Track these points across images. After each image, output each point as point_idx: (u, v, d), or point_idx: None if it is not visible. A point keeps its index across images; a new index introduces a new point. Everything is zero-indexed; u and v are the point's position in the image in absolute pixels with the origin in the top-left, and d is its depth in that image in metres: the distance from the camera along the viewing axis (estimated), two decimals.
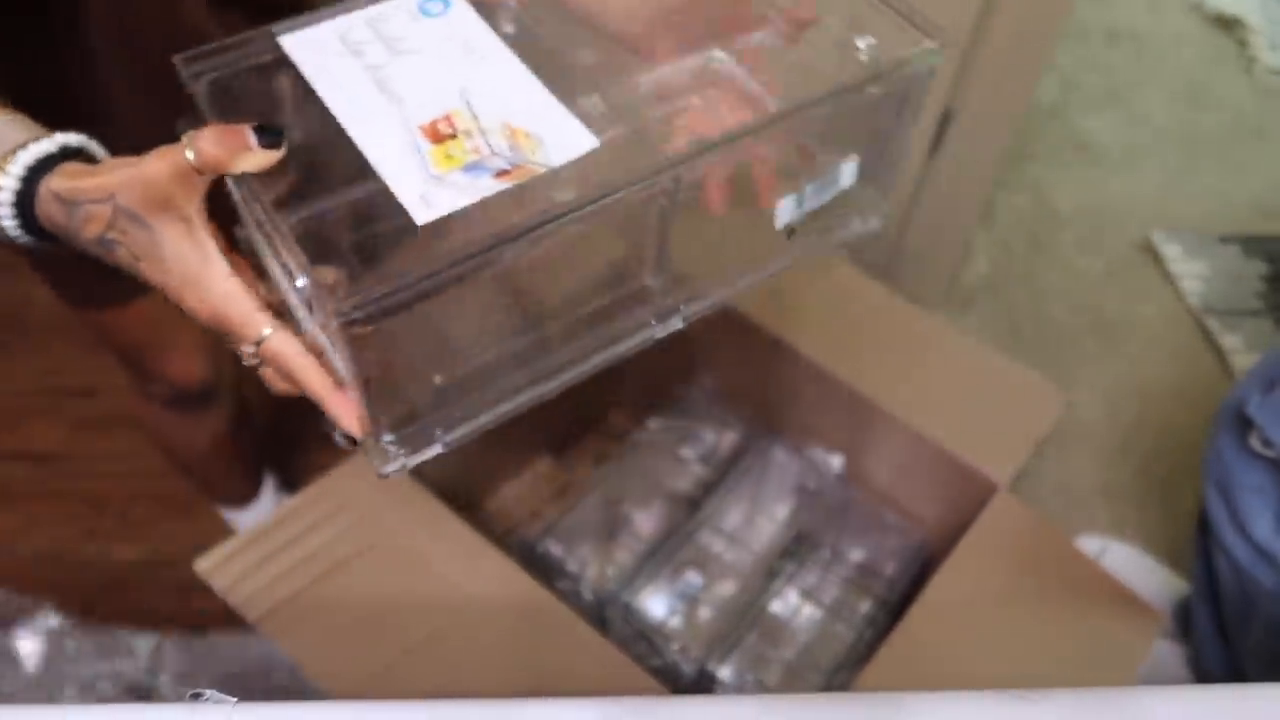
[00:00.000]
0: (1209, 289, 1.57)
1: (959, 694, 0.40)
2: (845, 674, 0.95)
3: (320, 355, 0.43)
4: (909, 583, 1.02)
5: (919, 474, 0.99)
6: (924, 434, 0.93)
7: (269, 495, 1.16)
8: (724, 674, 0.93)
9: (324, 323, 0.41)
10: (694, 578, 0.99)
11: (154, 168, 0.40)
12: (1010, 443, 0.93)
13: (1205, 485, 1.00)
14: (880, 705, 0.40)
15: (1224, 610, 1.02)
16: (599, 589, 0.98)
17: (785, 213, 0.49)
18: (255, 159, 0.41)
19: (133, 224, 0.41)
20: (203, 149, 0.40)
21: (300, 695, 1.04)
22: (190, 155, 0.40)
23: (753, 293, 0.50)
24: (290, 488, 1.20)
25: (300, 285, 0.39)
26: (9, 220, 0.43)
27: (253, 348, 0.42)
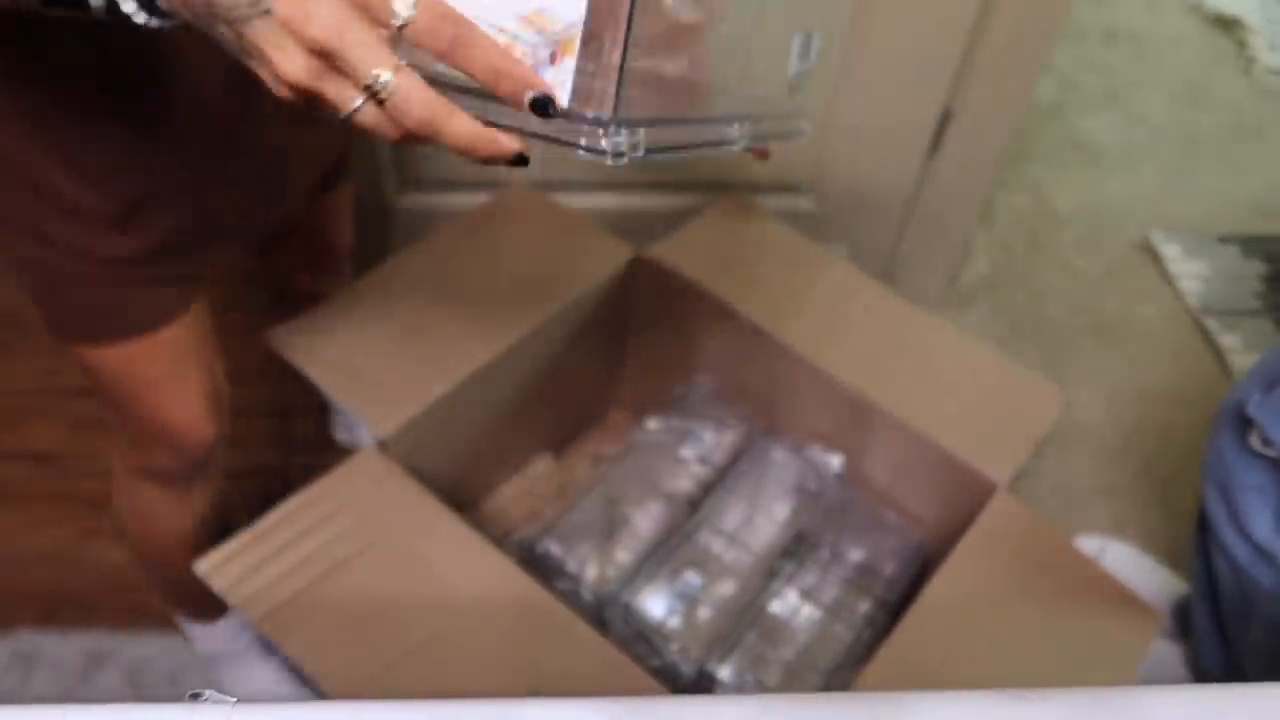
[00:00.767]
0: (1208, 289, 1.57)
1: (958, 694, 0.40)
2: (844, 674, 0.95)
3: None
4: (908, 583, 1.02)
5: (918, 474, 0.99)
6: (923, 434, 0.93)
7: (237, 618, 1.04)
8: (723, 674, 0.93)
9: None
10: (693, 578, 0.99)
11: None
12: (1010, 443, 0.93)
13: (1205, 485, 1.00)
14: (879, 705, 0.40)
15: (1223, 610, 1.02)
16: (598, 589, 0.98)
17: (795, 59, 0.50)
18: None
19: None
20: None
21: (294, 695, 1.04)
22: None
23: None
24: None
25: None
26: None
27: (393, 31, 0.37)
